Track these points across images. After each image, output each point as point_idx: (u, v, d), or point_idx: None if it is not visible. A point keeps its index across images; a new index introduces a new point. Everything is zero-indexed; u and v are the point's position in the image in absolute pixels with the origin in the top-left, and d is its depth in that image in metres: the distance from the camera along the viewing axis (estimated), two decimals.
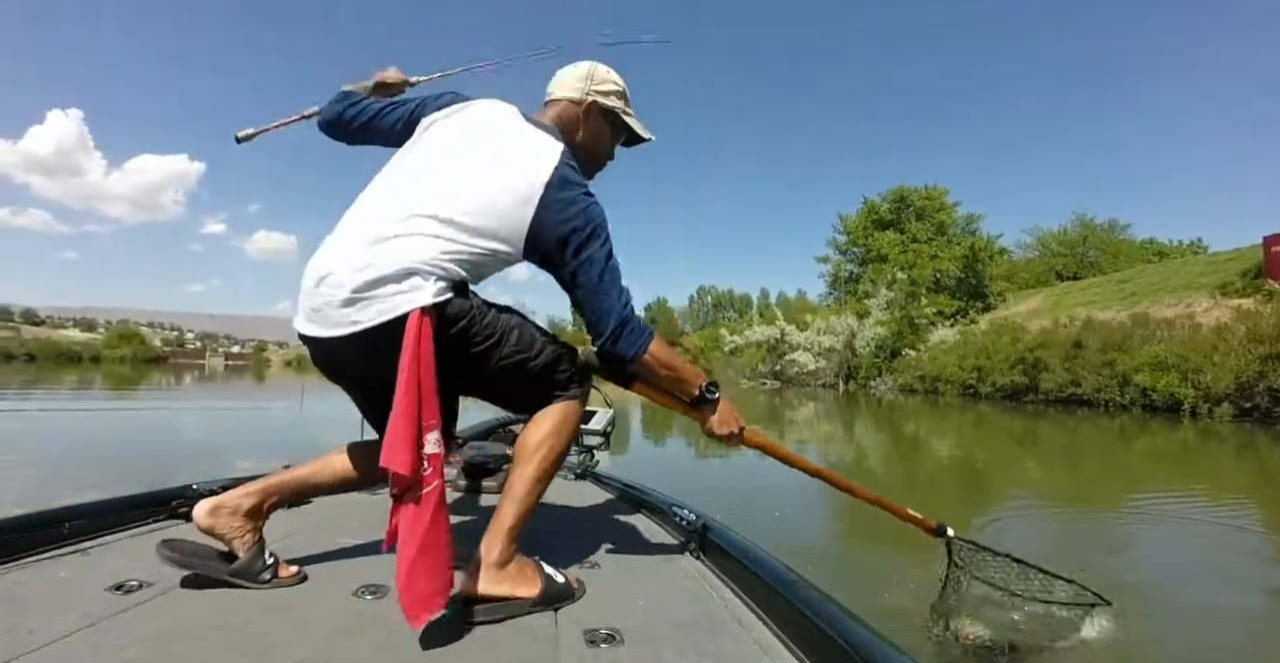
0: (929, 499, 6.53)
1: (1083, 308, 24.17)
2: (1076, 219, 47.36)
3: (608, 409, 2.90)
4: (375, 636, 1.10)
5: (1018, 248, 48.12)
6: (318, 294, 1.25)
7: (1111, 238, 46.10)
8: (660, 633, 1.18)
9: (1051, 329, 20.40)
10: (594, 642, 1.13)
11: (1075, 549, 4.19)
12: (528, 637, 1.15)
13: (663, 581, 1.49)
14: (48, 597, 1.19)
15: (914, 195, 44.72)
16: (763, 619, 1.26)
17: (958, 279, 38.33)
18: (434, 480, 1.14)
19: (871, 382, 28.71)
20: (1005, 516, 5.50)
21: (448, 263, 1.25)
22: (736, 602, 1.36)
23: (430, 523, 1.12)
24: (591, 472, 2.73)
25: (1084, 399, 17.27)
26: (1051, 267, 45.74)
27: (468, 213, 1.28)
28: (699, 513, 1.80)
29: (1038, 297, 35.42)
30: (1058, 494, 6.59)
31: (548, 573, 1.29)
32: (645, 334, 1.38)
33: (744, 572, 1.43)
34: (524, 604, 1.23)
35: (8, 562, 1.33)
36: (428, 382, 1.16)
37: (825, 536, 4.63)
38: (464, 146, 1.37)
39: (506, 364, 1.34)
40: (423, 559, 1.10)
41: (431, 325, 1.19)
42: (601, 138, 1.55)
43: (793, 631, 1.17)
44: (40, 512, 1.50)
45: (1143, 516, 5.39)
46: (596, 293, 1.34)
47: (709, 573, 1.55)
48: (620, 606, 1.31)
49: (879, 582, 2.95)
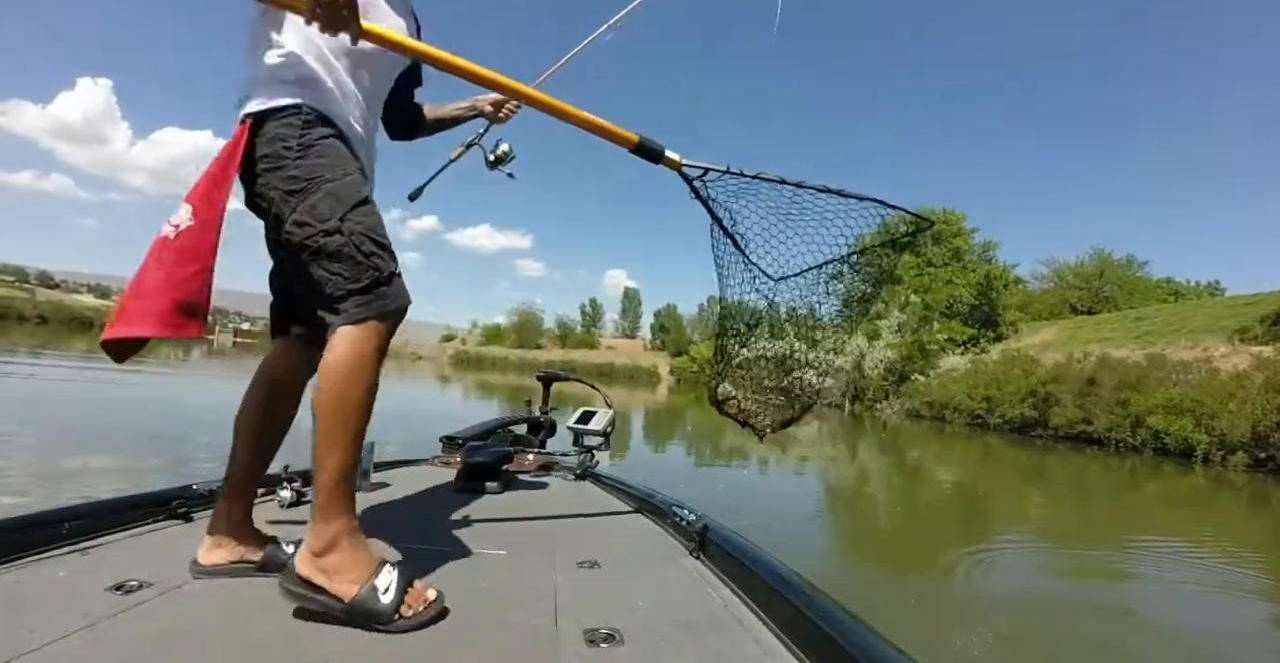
0: (929, 525, 6.43)
1: (1096, 344, 23.99)
2: (1094, 253, 47.14)
3: (608, 409, 2.89)
4: (375, 636, 1.10)
5: (1032, 279, 47.86)
6: None
7: (1128, 274, 45.80)
8: (660, 633, 1.18)
9: (1065, 363, 20.27)
10: (594, 642, 1.13)
11: (1073, 592, 4.11)
12: (528, 637, 1.14)
13: (663, 581, 1.49)
14: (48, 597, 1.18)
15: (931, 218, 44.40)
16: (763, 619, 1.26)
17: (971, 306, 38.15)
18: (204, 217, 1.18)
19: (878, 404, 28.54)
20: (1005, 549, 5.41)
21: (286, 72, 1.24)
22: (736, 602, 1.36)
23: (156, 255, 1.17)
24: (591, 472, 2.72)
25: (1094, 437, 17.12)
26: (1066, 299, 45.41)
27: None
28: (699, 513, 1.80)
29: (1051, 329, 35.19)
30: (1062, 532, 6.48)
31: (375, 586, 1.11)
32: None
33: (744, 572, 1.42)
34: (333, 605, 1.11)
35: (8, 562, 1.32)
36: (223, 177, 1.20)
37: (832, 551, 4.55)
38: None
39: (293, 228, 1.20)
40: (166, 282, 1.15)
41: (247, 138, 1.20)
42: None
43: (793, 631, 1.16)
44: (40, 512, 1.49)
45: (1148, 561, 5.27)
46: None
47: (709, 573, 1.54)
48: (620, 606, 1.30)
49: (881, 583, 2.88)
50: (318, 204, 1.19)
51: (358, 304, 1.18)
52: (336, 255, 1.18)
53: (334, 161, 1.23)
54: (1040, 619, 3.68)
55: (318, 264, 1.19)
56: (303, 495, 1.94)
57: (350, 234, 1.19)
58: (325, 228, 1.18)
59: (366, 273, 1.19)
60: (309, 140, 1.22)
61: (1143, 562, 5.36)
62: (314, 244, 1.18)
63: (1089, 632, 2.99)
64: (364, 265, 1.19)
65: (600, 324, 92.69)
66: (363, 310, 1.18)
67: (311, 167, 1.21)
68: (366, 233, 1.21)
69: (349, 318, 1.17)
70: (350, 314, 1.17)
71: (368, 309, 1.18)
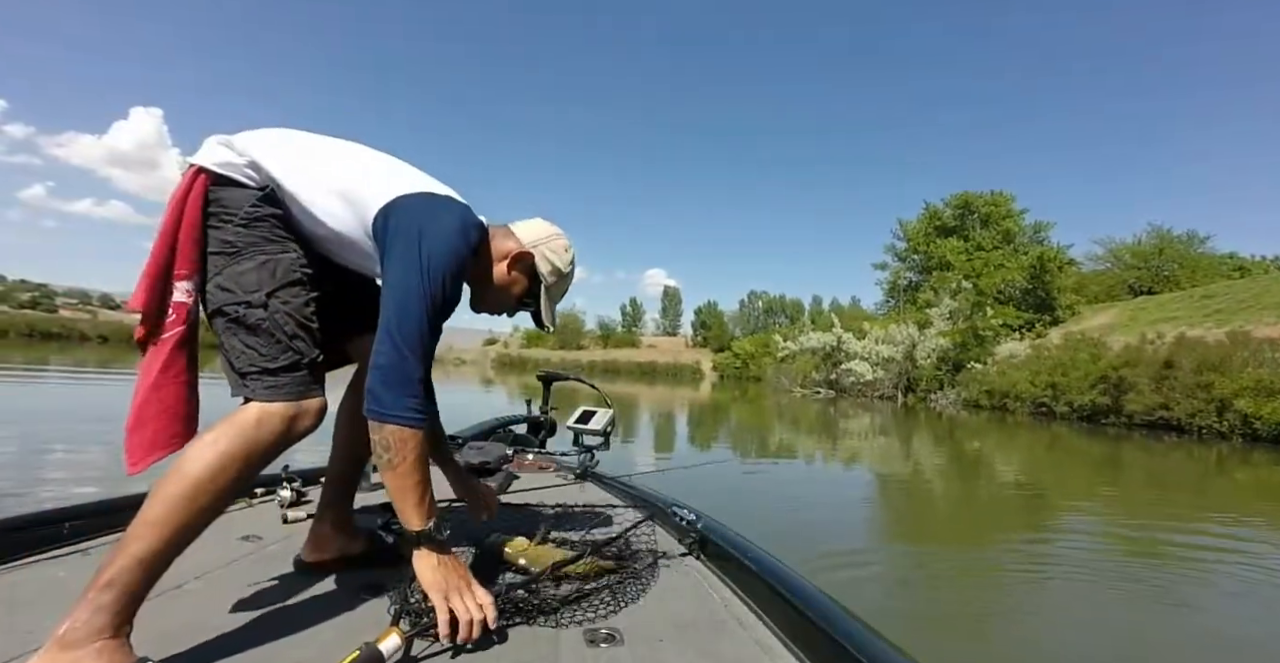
0: (988, 525, 6.00)
1: (1164, 324, 22.82)
2: (1152, 230, 45.05)
3: (608, 409, 2.89)
4: (375, 636, 1.06)
5: (1087, 259, 46.04)
6: None
7: (1190, 251, 43.63)
8: (660, 633, 1.18)
9: (1137, 346, 19.17)
10: (594, 642, 1.13)
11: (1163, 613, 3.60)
12: (528, 637, 1.15)
13: (663, 581, 1.49)
14: (48, 597, 1.18)
15: (979, 201, 43.31)
16: (763, 619, 1.27)
17: (1024, 290, 36.88)
18: (175, 328, 1.14)
19: (932, 395, 27.56)
20: (1074, 551, 4.91)
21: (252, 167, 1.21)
22: (736, 602, 1.37)
23: (162, 368, 1.13)
24: (591, 472, 2.69)
25: (1174, 424, 16.12)
26: (1124, 280, 43.57)
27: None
28: (699, 513, 1.81)
29: (1111, 311, 33.79)
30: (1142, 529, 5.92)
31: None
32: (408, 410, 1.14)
33: (744, 572, 1.43)
34: None
35: (7, 562, 1.34)
36: (187, 232, 1.14)
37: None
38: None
39: (214, 290, 1.16)
40: (149, 404, 1.12)
41: (202, 189, 1.17)
42: (509, 286, 1.44)
43: (793, 631, 1.17)
44: (40, 512, 1.50)
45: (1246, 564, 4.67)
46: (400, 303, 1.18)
47: (709, 573, 1.55)
48: (620, 606, 1.31)
49: None
50: (246, 272, 1.16)
51: (268, 386, 1.13)
52: (255, 329, 1.14)
53: (275, 237, 1.20)
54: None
55: (234, 334, 1.15)
56: (302, 495, 1.98)
57: (274, 311, 1.15)
58: (249, 298, 1.14)
59: (285, 353, 1.15)
60: (259, 213, 1.18)
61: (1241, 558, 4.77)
62: (233, 312, 1.15)
63: None
64: (283, 345, 1.15)
65: (641, 323, 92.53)
66: (273, 392, 1.13)
67: (250, 236, 1.17)
68: (293, 313, 1.17)
69: (260, 396, 1.13)
70: (261, 394, 1.13)
71: (278, 392, 1.13)
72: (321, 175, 1.23)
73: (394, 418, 1.12)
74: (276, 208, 1.21)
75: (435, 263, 1.16)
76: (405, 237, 1.17)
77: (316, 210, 1.22)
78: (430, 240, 1.17)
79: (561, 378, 3.29)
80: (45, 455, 5.77)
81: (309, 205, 1.22)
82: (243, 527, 1.73)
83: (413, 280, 1.15)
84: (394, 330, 1.13)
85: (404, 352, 1.13)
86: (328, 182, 1.23)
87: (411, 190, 1.24)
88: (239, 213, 1.17)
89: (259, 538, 1.66)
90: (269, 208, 1.19)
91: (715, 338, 77.18)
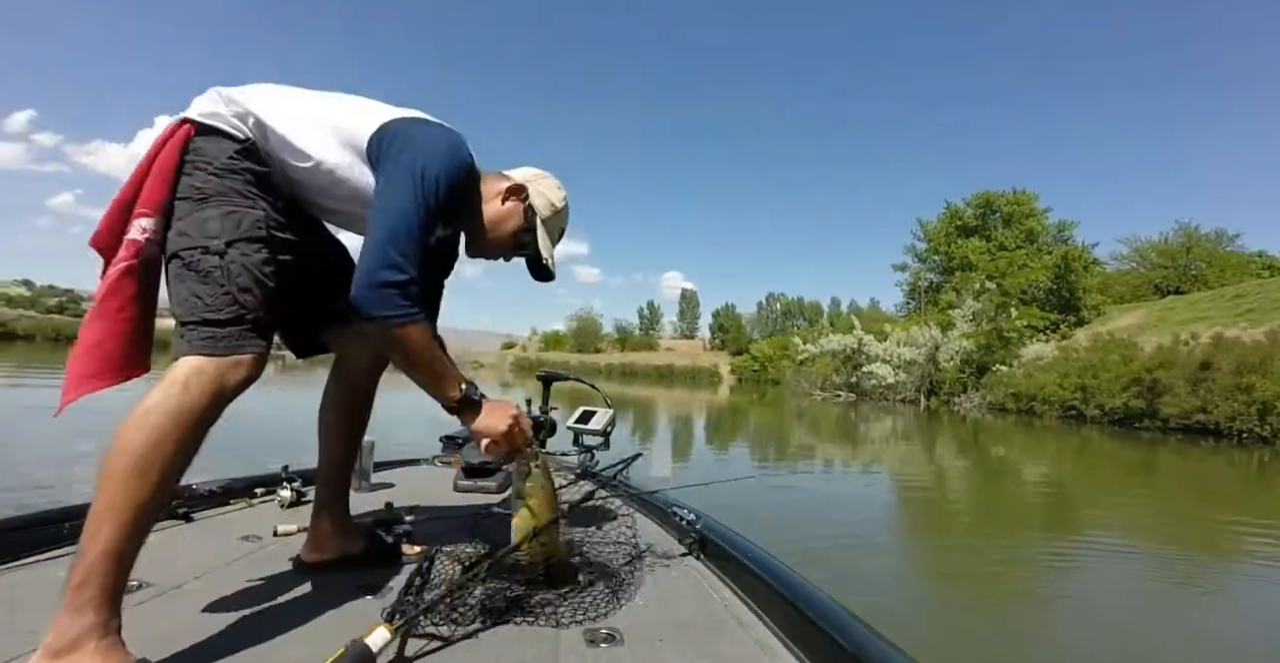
0: (1011, 538, 5.72)
1: (1196, 325, 22.24)
2: (1179, 228, 44.13)
3: (608, 409, 2.84)
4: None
5: (1111, 258, 45.20)
6: None
7: (1218, 249, 42.72)
8: (660, 633, 1.19)
9: (1171, 347, 18.66)
10: (594, 642, 1.13)
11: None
12: (528, 637, 1.15)
13: (663, 581, 1.49)
14: (47, 597, 1.14)
15: (1000, 200, 42.80)
16: (763, 619, 1.27)
17: (1048, 290, 36.27)
18: (123, 262, 1.10)
19: (956, 398, 27.10)
20: (1103, 566, 4.64)
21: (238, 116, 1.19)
22: (736, 602, 1.37)
23: (102, 298, 1.10)
24: (591, 472, 2.67)
25: (1213, 428, 15.67)
26: (1150, 279, 42.74)
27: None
28: (699, 513, 1.81)
29: (1138, 311, 33.10)
30: (1179, 540, 5.63)
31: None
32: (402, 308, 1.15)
33: (744, 572, 1.43)
34: None
35: (8, 562, 1.34)
36: (157, 175, 1.12)
37: None
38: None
39: (174, 235, 1.12)
40: (89, 333, 1.09)
41: (183, 138, 1.16)
42: (503, 222, 1.43)
43: (793, 631, 1.17)
44: (40, 512, 1.51)
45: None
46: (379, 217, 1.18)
47: (709, 573, 1.56)
48: (620, 606, 1.30)
49: None
50: (210, 219, 1.12)
51: (205, 336, 1.07)
52: (206, 276, 1.10)
53: (248, 193, 1.17)
54: None
55: (182, 281, 1.10)
56: (302, 495, 1.95)
57: (230, 261, 1.11)
58: (206, 244, 1.10)
59: (230, 305, 1.10)
60: (235, 166, 1.16)
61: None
62: (187, 257, 1.10)
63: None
64: (230, 296, 1.10)
65: (659, 326, 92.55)
66: (209, 344, 1.07)
67: (220, 186, 1.14)
68: (250, 267, 1.12)
69: (193, 348, 1.07)
70: (195, 345, 1.07)
71: (215, 344, 1.07)
72: (312, 113, 1.25)
73: (398, 318, 1.14)
74: (257, 164, 1.19)
75: (430, 169, 1.19)
76: (398, 149, 1.20)
77: (310, 148, 1.22)
78: (425, 152, 1.20)
79: (561, 378, 3.21)
80: (47, 456, 5.68)
81: (302, 145, 1.21)
82: (243, 527, 1.73)
83: (405, 183, 1.17)
84: (384, 229, 1.15)
85: (391, 254, 1.13)
86: (318, 118, 1.24)
87: (405, 115, 1.28)
88: (215, 162, 1.15)
89: (259, 538, 1.66)
90: (247, 162, 1.18)
91: (733, 341, 77.12)
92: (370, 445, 2.23)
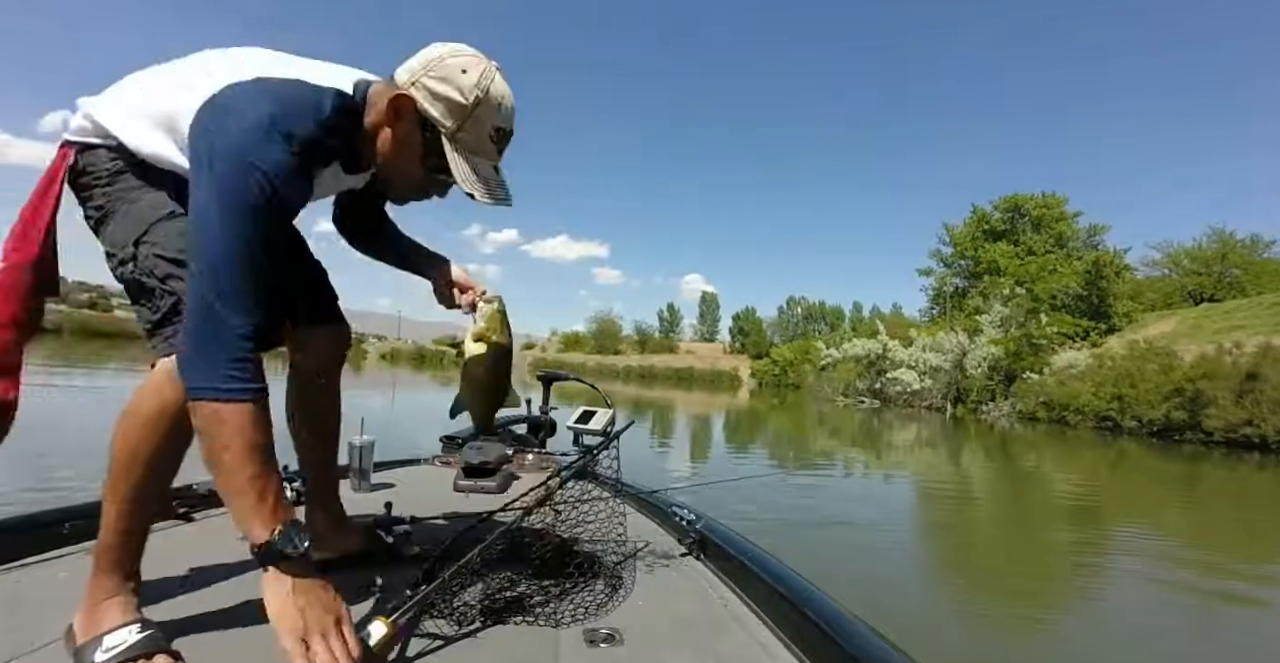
0: (1036, 553, 5.41)
1: (1234, 333, 21.49)
2: (1213, 233, 42.89)
3: (608, 409, 2.89)
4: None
5: (1143, 264, 44.08)
6: None
7: (1254, 256, 41.53)
8: (660, 633, 1.19)
9: (1214, 357, 17.99)
10: (594, 642, 1.14)
11: None
12: (527, 636, 1.15)
13: (663, 581, 1.49)
14: (48, 597, 1.19)
15: (1029, 203, 42.02)
16: (763, 619, 1.27)
17: (1078, 296, 35.47)
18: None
19: (983, 406, 26.47)
20: (1140, 588, 4.30)
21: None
22: (736, 602, 1.38)
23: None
24: (591, 472, 2.46)
25: (1260, 442, 15.07)
26: (1183, 286, 41.64)
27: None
28: (699, 513, 1.81)
29: (1171, 319, 32.19)
30: (1223, 566, 5.19)
31: (102, 641, 0.96)
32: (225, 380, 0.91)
33: (744, 572, 1.43)
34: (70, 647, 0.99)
35: (8, 562, 1.34)
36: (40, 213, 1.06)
37: None
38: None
39: (108, 262, 1.08)
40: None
41: (60, 162, 1.08)
42: (400, 152, 1.11)
43: (793, 631, 1.18)
44: (41, 512, 1.52)
45: None
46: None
47: (709, 573, 1.56)
48: (620, 606, 1.30)
49: None
50: (115, 231, 1.06)
51: (164, 338, 1.02)
52: (138, 287, 1.05)
53: (136, 184, 1.06)
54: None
55: (134, 302, 1.07)
56: (302, 495, 1.94)
57: (143, 258, 1.03)
58: (121, 256, 1.05)
59: (163, 298, 1.03)
60: (117, 167, 1.07)
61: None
62: (118, 275, 1.06)
63: None
64: (158, 290, 1.03)
65: (678, 329, 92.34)
66: (169, 345, 1.01)
67: (114, 194, 1.07)
68: (161, 253, 1.03)
69: (160, 352, 1.02)
70: (161, 349, 1.02)
71: (172, 344, 1.00)
72: (138, 101, 1.07)
73: (207, 392, 0.91)
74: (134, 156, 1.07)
75: (227, 180, 0.92)
76: (196, 150, 0.95)
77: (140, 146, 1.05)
78: (220, 152, 0.92)
79: (561, 378, 3.31)
80: (51, 455, 5.56)
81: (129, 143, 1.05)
82: None
83: (207, 202, 0.92)
84: (194, 271, 0.92)
85: (209, 297, 0.90)
86: (142, 106, 1.06)
87: (232, 81, 0.99)
88: (103, 173, 1.07)
89: None
90: (128, 157, 1.07)
91: (753, 344, 76.65)
92: (370, 445, 2.23)
